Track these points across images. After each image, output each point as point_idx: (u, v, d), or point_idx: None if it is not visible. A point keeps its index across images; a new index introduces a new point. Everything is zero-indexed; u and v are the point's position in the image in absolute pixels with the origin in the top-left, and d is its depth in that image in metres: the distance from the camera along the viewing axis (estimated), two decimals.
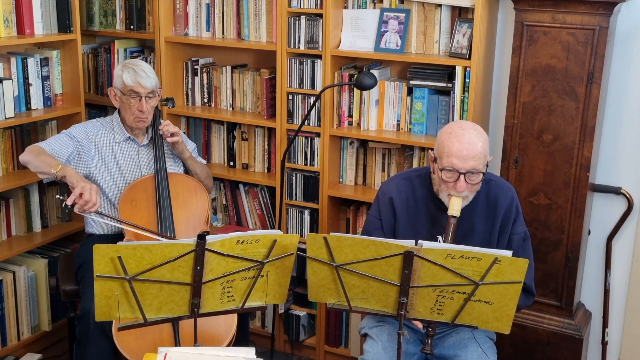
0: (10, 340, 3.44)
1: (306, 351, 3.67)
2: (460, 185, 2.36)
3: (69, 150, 2.95)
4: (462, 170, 2.35)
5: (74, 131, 3.02)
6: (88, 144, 3.01)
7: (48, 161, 2.79)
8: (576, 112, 2.91)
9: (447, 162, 2.37)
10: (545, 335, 3.13)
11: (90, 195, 2.67)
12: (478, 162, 2.36)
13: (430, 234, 2.50)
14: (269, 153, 3.64)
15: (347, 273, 2.20)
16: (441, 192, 2.44)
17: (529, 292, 2.53)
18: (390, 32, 3.26)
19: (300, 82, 3.38)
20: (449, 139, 2.39)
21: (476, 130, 2.41)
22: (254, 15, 3.52)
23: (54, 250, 3.64)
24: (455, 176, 2.36)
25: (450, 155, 2.36)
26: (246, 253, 2.19)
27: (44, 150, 2.87)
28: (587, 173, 2.95)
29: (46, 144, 2.92)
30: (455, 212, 2.36)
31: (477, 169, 2.36)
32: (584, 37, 2.84)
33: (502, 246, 2.51)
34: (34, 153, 2.84)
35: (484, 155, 2.38)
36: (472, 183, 2.38)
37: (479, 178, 2.39)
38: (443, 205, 2.46)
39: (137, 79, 2.93)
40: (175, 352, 1.71)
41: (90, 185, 2.70)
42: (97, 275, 2.07)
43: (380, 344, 2.49)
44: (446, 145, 2.38)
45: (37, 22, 3.39)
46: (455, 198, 2.38)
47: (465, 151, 2.34)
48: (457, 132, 2.39)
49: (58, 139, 2.97)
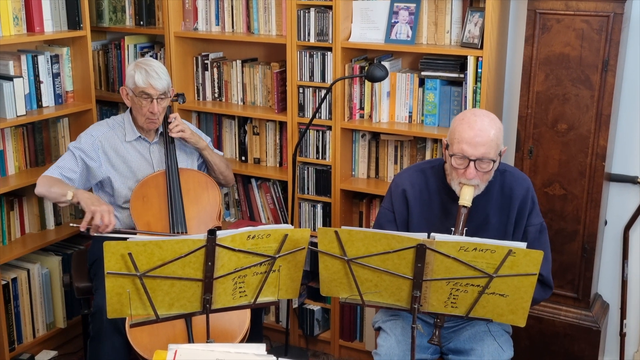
0: (26, 338, 3.46)
1: (321, 345, 3.66)
2: (470, 172, 2.33)
3: (78, 168, 2.98)
4: (472, 157, 2.32)
5: (80, 143, 3.01)
6: (96, 153, 3.00)
7: (60, 191, 2.84)
8: (591, 100, 2.87)
9: (457, 148, 2.35)
10: (563, 327, 3.10)
11: (102, 219, 2.70)
12: (489, 150, 2.33)
13: (444, 225, 2.47)
14: (280, 147, 3.63)
15: (359, 267, 2.18)
16: (452, 181, 2.42)
17: (547, 285, 2.49)
18: (400, 23, 3.22)
19: (311, 75, 3.36)
20: (461, 125, 2.37)
21: (489, 118, 2.38)
22: (263, 8, 3.50)
23: (67, 247, 3.65)
24: (465, 163, 2.34)
25: (461, 142, 2.34)
26: (257, 248, 2.17)
27: (54, 180, 2.91)
28: (602, 162, 2.91)
29: (55, 169, 2.96)
30: (466, 201, 2.34)
31: (487, 156, 2.33)
32: (598, 24, 2.79)
33: (518, 238, 2.48)
34: (46, 186, 2.89)
35: (495, 143, 2.35)
36: (482, 171, 2.35)
37: (490, 166, 2.36)
38: (456, 197, 2.43)
39: (149, 80, 2.91)
40: (186, 349, 1.69)
41: (101, 208, 2.72)
42: (108, 272, 2.07)
43: (394, 338, 2.47)
44: (457, 132, 2.36)
45: (46, 20, 3.39)
46: (467, 187, 2.35)
47: (477, 137, 2.32)
48: (470, 118, 2.37)
49: (64, 159, 3.00)
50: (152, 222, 2.91)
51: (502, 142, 2.40)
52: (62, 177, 2.94)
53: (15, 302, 3.38)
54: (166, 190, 2.96)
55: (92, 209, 2.71)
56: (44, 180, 2.91)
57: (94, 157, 3.00)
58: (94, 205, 2.74)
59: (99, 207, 2.73)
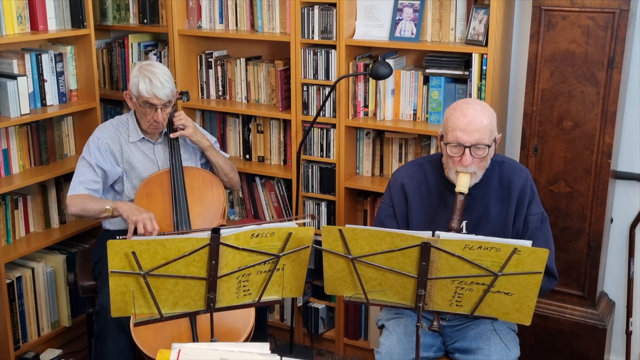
0: (31, 336, 3.46)
1: (325, 344, 3.65)
2: (466, 159, 2.34)
3: (98, 176, 2.99)
4: (467, 144, 2.33)
5: (90, 150, 3.01)
6: (106, 155, 3.01)
7: (97, 208, 2.89)
8: (597, 97, 2.85)
9: (452, 136, 2.36)
10: (568, 325, 3.09)
11: (144, 227, 2.74)
12: (483, 136, 2.34)
13: (444, 219, 2.46)
14: (284, 145, 3.62)
15: (363, 265, 2.17)
16: (449, 170, 2.42)
17: (552, 275, 2.48)
18: (405, 20, 3.21)
19: (315, 73, 3.35)
20: (453, 114, 2.39)
21: (481, 105, 2.41)
22: (267, 6, 3.49)
23: (72, 246, 3.65)
24: (460, 151, 2.35)
25: (455, 130, 2.35)
26: (261, 246, 2.17)
27: (84, 197, 2.94)
28: (608, 160, 2.89)
29: (79, 185, 2.96)
30: (463, 188, 2.35)
31: (482, 142, 2.34)
32: (604, 20, 2.77)
33: (518, 228, 2.48)
34: (79, 205, 2.93)
35: (489, 129, 2.36)
36: (478, 157, 2.36)
37: (485, 152, 2.36)
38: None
39: (153, 91, 2.88)
40: (190, 348, 1.69)
41: (142, 217, 2.76)
42: (111, 271, 2.07)
43: (396, 337, 2.46)
44: (451, 120, 2.38)
45: (50, 18, 3.39)
46: (463, 175, 2.36)
47: (470, 125, 2.34)
48: (462, 106, 2.39)
49: (83, 172, 2.99)
50: (156, 221, 2.90)
51: (496, 128, 2.42)
52: (88, 191, 2.97)
53: (20, 300, 3.38)
54: (170, 188, 2.96)
55: (133, 219, 2.76)
56: (75, 201, 2.95)
57: (106, 160, 3.01)
58: (134, 215, 2.77)
59: (140, 216, 2.76)
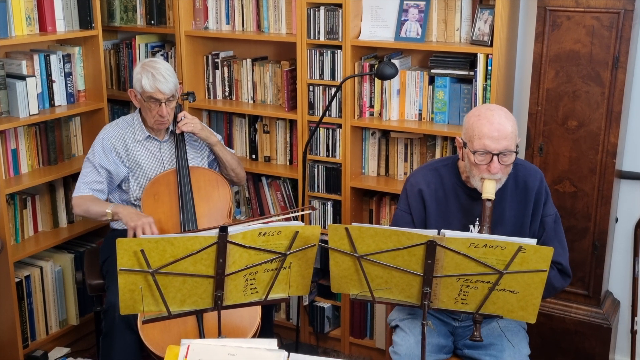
0: (39, 335, 3.49)
1: (331, 343, 3.67)
2: (494, 166, 2.34)
3: (102, 177, 3.03)
4: (495, 152, 2.33)
5: (95, 151, 3.04)
6: (111, 155, 3.03)
7: (99, 210, 2.94)
8: (601, 97, 2.86)
9: (479, 144, 2.35)
10: (573, 324, 3.09)
11: (143, 232, 2.77)
12: (510, 142, 2.35)
13: (461, 223, 2.47)
14: (290, 145, 3.64)
15: (369, 263, 2.18)
16: (473, 178, 2.41)
17: (565, 274, 2.50)
18: (410, 21, 3.23)
19: (321, 73, 3.37)
20: (479, 121, 2.37)
21: (504, 111, 2.41)
22: (273, 7, 3.51)
23: (80, 245, 3.68)
24: (488, 158, 2.34)
25: (482, 137, 2.34)
26: (268, 245, 2.19)
27: (88, 199, 2.99)
28: (613, 159, 2.90)
29: (83, 186, 3.01)
30: (490, 194, 2.34)
31: (509, 149, 2.35)
32: (609, 20, 2.78)
33: (534, 229, 2.49)
34: (83, 207, 2.98)
35: (514, 135, 2.37)
36: (505, 164, 2.36)
37: (512, 159, 2.37)
38: (473, 194, 2.44)
39: (156, 85, 2.91)
40: (199, 344, 1.71)
41: (141, 222, 2.79)
42: (120, 269, 2.09)
43: (413, 338, 2.46)
44: (477, 128, 2.36)
45: (58, 19, 3.42)
46: (489, 181, 2.35)
47: (497, 132, 2.33)
48: (486, 114, 2.38)
49: (87, 174, 3.03)
50: (163, 220, 2.93)
51: (518, 133, 2.42)
52: (92, 192, 3.01)
53: (28, 299, 3.41)
54: (177, 188, 2.98)
55: (131, 225, 2.79)
56: (79, 202, 2.99)
57: (110, 160, 3.03)
58: (133, 221, 2.80)
59: (138, 221, 2.79)
